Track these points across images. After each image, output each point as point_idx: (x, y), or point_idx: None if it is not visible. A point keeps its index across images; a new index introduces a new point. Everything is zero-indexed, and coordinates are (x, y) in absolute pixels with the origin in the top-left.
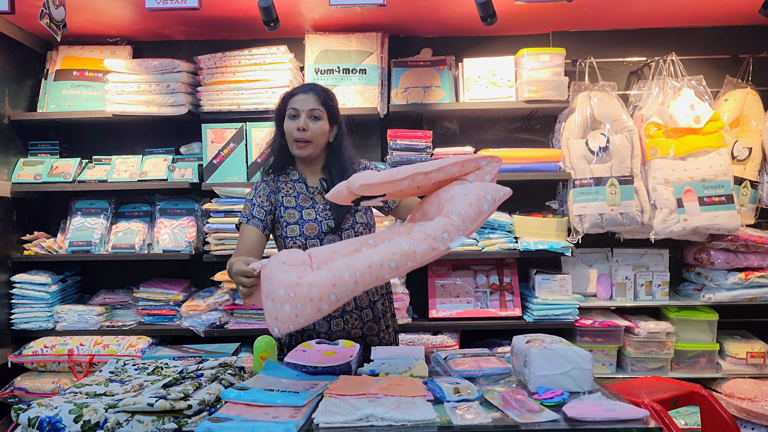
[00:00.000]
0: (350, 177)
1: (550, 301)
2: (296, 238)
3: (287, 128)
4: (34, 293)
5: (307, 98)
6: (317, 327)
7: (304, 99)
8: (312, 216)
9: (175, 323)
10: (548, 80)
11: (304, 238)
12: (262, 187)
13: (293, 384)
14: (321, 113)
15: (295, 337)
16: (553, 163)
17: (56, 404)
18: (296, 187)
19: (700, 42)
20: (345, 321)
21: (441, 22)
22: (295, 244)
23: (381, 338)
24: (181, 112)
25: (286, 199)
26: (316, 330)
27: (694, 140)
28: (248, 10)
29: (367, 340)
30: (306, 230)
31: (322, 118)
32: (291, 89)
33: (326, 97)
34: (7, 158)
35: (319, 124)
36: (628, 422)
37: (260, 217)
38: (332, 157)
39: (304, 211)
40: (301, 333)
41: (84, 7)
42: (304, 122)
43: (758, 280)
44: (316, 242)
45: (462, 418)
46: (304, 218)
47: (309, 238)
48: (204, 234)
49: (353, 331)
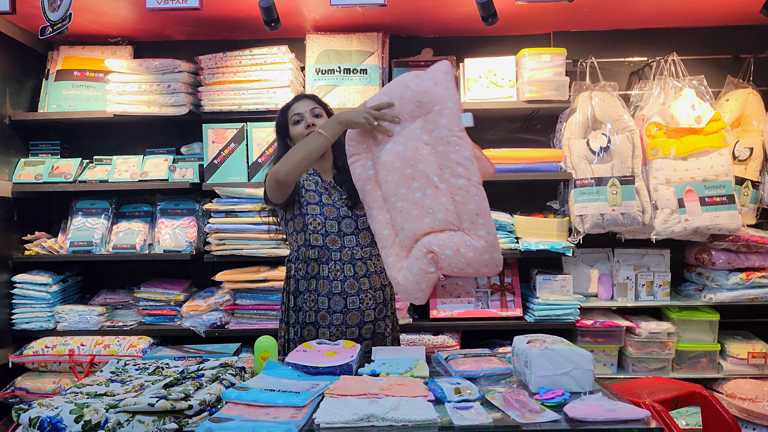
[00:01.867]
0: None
1: (551, 301)
2: (316, 216)
3: (296, 132)
4: (35, 293)
5: (305, 102)
6: (332, 305)
7: (302, 104)
8: (330, 201)
9: (175, 323)
10: (549, 80)
11: (324, 218)
12: None
13: (294, 384)
14: (320, 111)
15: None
16: (554, 163)
17: (57, 404)
18: (312, 179)
19: (701, 42)
20: (360, 300)
21: (442, 22)
22: (315, 221)
23: (386, 324)
24: (182, 112)
25: (306, 182)
26: (331, 308)
27: (696, 140)
28: (249, 10)
29: (375, 325)
30: (326, 211)
31: (322, 114)
32: (285, 103)
33: (319, 100)
34: (8, 158)
35: (322, 119)
36: (629, 423)
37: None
38: (338, 151)
39: (323, 196)
40: (315, 312)
41: (85, 8)
42: (312, 120)
43: (759, 281)
44: (334, 224)
45: (463, 418)
46: (323, 202)
47: (328, 218)
48: (205, 234)
49: (367, 311)
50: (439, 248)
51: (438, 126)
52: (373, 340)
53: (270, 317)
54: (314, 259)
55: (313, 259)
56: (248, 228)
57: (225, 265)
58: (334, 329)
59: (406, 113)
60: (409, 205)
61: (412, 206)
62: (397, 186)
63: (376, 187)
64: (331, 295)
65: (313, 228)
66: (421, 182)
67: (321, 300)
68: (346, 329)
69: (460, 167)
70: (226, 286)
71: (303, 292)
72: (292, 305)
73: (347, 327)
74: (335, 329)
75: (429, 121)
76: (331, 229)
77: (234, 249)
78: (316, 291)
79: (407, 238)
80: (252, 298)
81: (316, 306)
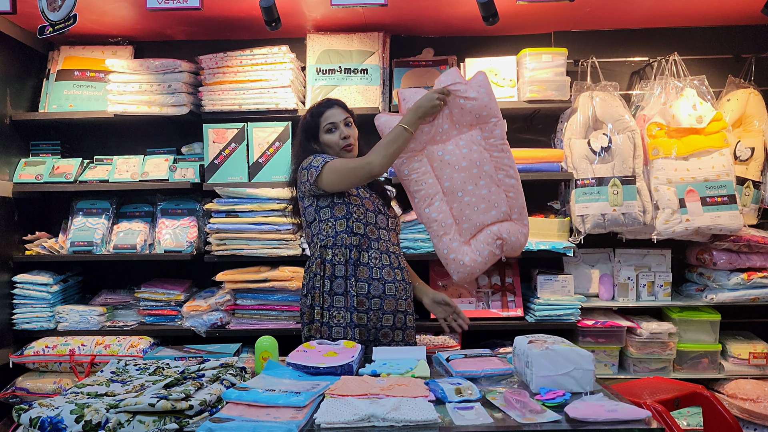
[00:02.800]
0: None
1: (552, 301)
2: (360, 206)
3: (330, 140)
4: (36, 293)
5: (337, 111)
6: (372, 291)
7: (334, 112)
8: (367, 195)
9: (176, 323)
10: (550, 80)
11: (365, 209)
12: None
13: (294, 384)
14: (351, 120)
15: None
16: (555, 163)
17: (57, 404)
18: None
19: (702, 42)
20: (396, 288)
21: (443, 22)
22: (359, 210)
23: (414, 318)
24: (182, 112)
25: None
26: (371, 293)
27: (697, 140)
28: (250, 10)
29: (406, 318)
30: (366, 203)
31: (352, 124)
32: (315, 107)
33: (346, 106)
34: (9, 158)
35: (354, 129)
36: (630, 423)
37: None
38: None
39: (360, 190)
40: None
41: (86, 8)
42: (347, 130)
43: (761, 281)
44: (373, 216)
45: (464, 418)
46: (361, 195)
47: (368, 210)
48: (205, 234)
49: (400, 300)
50: (507, 235)
51: (494, 135)
52: (404, 332)
53: (271, 317)
54: (355, 246)
55: (355, 246)
56: (249, 228)
57: (225, 265)
58: (372, 314)
59: (465, 121)
60: (477, 200)
61: (480, 200)
62: (464, 183)
63: (436, 181)
64: (371, 280)
65: (357, 216)
66: (487, 181)
67: (360, 285)
68: (383, 315)
69: (511, 170)
70: (226, 287)
71: (339, 277)
72: (328, 289)
73: (384, 313)
74: (372, 314)
75: (486, 131)
76: (371, 220)
77: (234, 249)
78: (355, 276)
79: (474, 227)
80: (253, 298)
81: (355, 291)
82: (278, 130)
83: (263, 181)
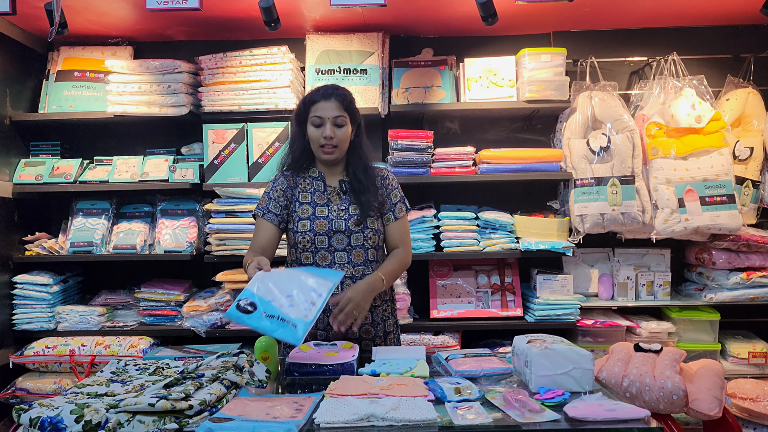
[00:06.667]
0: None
1: (551, 301)
2: (306, 233)
3: (312, 135)
4: (36, 294)
5: (330, 105)
6: (318, 324)
7: (327, 106)
8: (324, 213)
9: (176, 324)
10: (549, 80)
11: (313, 234)
12: (280, 181)
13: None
14: (344, 119)
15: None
16: (554, 163)
17: (57, 404)
18: (314, 184)
19: (701, 42)
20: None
21: (442, 22)
22: (304, 239)
23: (376, 344)
24: (182, 112)
25: (302, 195)
26: (316, 326)
27: (696, 140)
28: (249, 10)
29: (362, 344)
30: (316, 226)
31: (345, 123)
32: (311, 93)
33: (347, 101)
34: (9, 159)
35: (344, 129)
36: (630, 422)
37: (276, 211)
38: (352, 155)
39: (317, 208)
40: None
41: (85, 8)
42: (331, 130)
43: (760, 280)
44: (324, 239)
45: (463, 418)
46: (316, 215)
47: (318, 234)
48: (205, 234)
49: (350, 330)
50: None
51: None
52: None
53: None
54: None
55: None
56: (249, 228)
57: (225, 266)
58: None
59: None
60: None
61: None
62: None
63: None
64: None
65: (303, 246)
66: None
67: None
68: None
69: None
70: (226, 287)
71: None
72: None
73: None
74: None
75: None
76: (321, 245)
77: (234, 249)
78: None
79: None
80: None
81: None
82: (278, 130)
83: (263, 181)
